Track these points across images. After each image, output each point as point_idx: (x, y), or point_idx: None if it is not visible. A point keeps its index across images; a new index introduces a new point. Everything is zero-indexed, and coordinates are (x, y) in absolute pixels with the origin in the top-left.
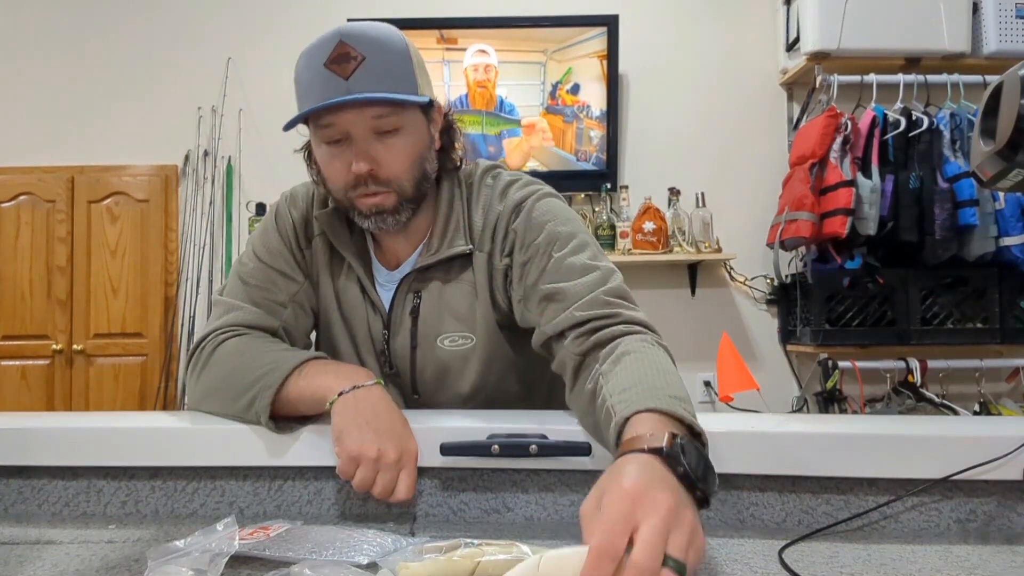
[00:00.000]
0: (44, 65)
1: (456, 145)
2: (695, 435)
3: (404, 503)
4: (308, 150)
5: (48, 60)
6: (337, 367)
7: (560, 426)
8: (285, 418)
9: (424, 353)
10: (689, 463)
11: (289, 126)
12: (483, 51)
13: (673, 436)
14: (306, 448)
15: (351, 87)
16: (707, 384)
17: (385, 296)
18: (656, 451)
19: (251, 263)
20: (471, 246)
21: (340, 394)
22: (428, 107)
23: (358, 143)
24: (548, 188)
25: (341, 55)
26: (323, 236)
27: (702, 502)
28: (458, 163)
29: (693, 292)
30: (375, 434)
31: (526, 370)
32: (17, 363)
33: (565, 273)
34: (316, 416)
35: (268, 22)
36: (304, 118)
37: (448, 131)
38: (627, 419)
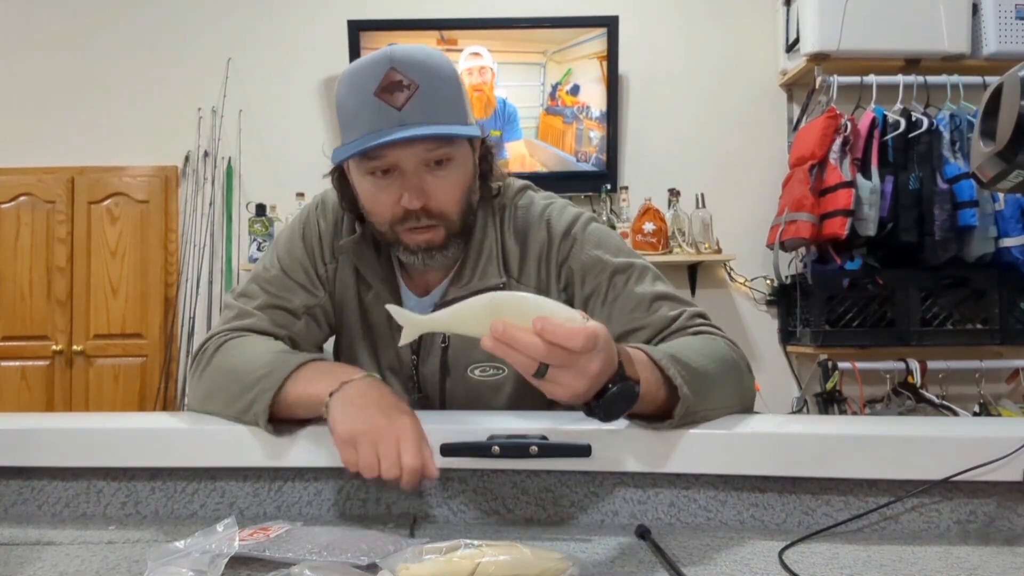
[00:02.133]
0: (44, 65)
1: (494, 172)
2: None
3: (422, 481)
4: (337, 174)
5: (48, 60)
6: (331, 370)
7: (560, 427)
8: (285, 420)
9: (454, 382)
10: (610, 401)
11: (340, 160)
12: (476, 53)
13: (636, 382)
14: (306, 449)
15: (404, 118)
16: None
17: None
18: (620, 372)
19: (272, 270)
20: (504, 278)
21: (331, 394)
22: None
23: (409, 177)
24: (586, 211)
25: (392, 83)
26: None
27: (588, 406)
28: (495, 192)
29: (693, 293)
30: (361, 410)
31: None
32: (17, 364)
33: (636, 307)
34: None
35: (268, 22)
36: (358, 153)
37: (486, 158)
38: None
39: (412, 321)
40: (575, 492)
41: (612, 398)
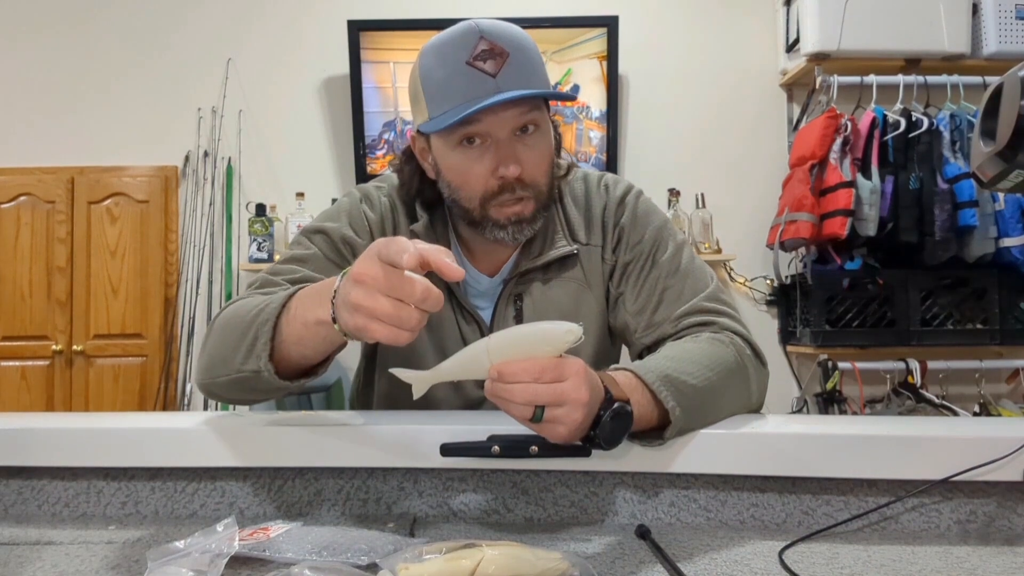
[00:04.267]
0: (44, 65)
1: (561, 151)
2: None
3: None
4: (406, 155)
5: (48, 60)
6: (317, 291)
7: None
8: (292, 374)
9: None
10: (607, 426)
11: (439, 128)
12: None
13: (625, 403)
14: (306, 448)
15: (500, 85)
16: None
17: (483, 303)
18: (609, 398)
19: (311, 249)
20: (573, 245)
21: (334, 319)
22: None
23: (503, 145)
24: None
25: (484, 52)
26: None
27: (589, 439)
28: (565, 170)
29: None
30: (350, 294)
31: (612, 360)
32: (17, 364)
33: (666, 281)
34: (320, 369)
35: (268, 22)
36: (459, 120)
37: (555, 136)
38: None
39: (418, 377)
40: (575, 492)
41: (608, 424)
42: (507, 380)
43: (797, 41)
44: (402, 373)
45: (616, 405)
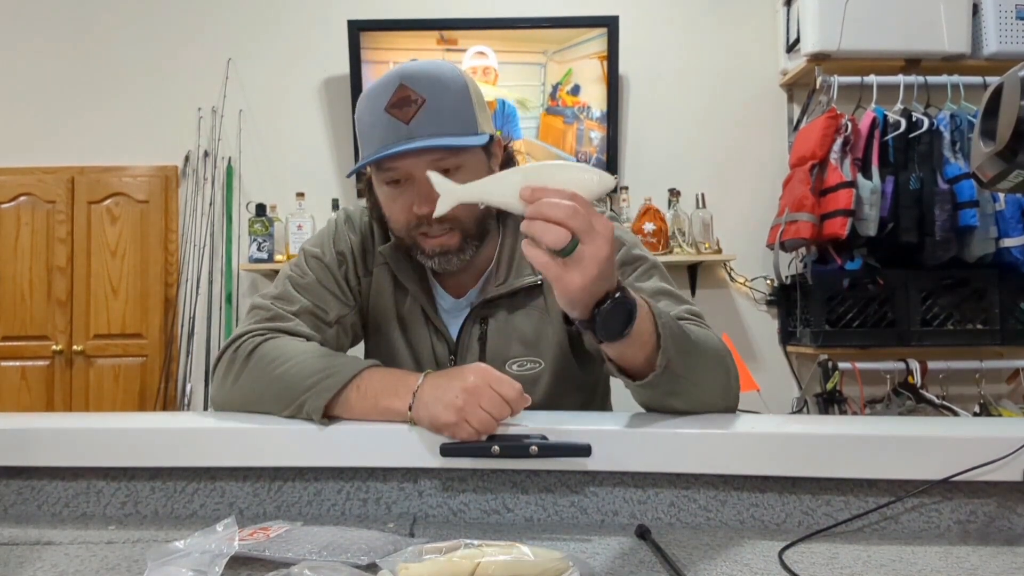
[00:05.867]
0: (44, 65)
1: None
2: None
3: (520, 403)
4: (368, 185)
5: (48, 60)
6: (392, 382)
7: (561, 427)
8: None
9: None
10: (609, 310)
11: (352, 172)
12: (482, 53)
13: (631, 301)
14: (306, 449)
15: (412, 132)
16: None
17: (451, 323)
18: (620, 287)
19: (307, 277)
20: (539, 276)
21: (410, 407)
22: (488, 143)
23: (419, 184)
24: (607, 211)
25: (402, 99)
26: (387, 265)
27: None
28: None
29: (693, 293)
30: (446, 392)
31: (589, 384)
32: (17, 364)
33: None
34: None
35: (268, 22)
36: (362, 166)
37: (508, 164)
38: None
39: (449, 189)
40: (575, 492)
41: (610, 308)
42: (540, 197)
43: (797, 41)
44: (436, 180)
45: (625, 297)
